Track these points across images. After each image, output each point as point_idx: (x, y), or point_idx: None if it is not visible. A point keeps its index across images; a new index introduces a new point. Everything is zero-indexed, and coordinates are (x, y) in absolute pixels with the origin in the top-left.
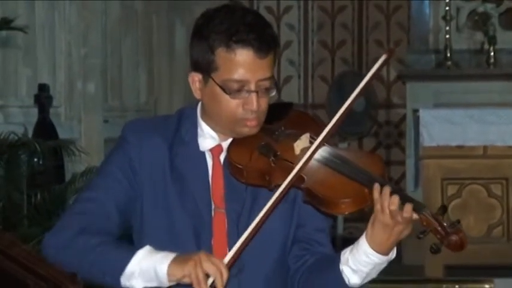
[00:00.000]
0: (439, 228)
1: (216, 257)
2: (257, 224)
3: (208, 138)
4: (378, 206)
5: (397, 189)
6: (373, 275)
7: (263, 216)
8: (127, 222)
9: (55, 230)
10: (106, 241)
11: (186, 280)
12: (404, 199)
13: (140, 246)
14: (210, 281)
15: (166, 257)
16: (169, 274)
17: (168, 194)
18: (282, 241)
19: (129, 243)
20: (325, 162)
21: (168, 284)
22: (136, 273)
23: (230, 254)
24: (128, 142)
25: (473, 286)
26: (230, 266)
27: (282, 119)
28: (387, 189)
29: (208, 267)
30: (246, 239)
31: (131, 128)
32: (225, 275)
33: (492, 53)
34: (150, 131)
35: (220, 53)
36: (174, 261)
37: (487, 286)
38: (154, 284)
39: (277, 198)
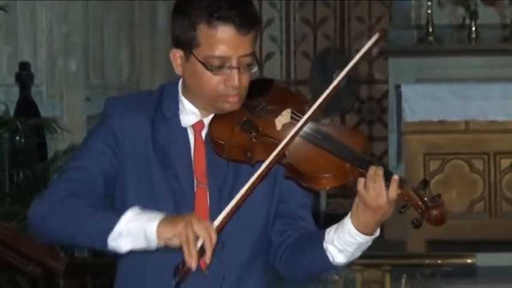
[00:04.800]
0: (420, 203)
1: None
2: (243, 194)
3: (189, 114)
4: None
5: (380, 165)
6: (358, 254)
7: (249, 187)
8: (111, 193)
9: (41, 197)
10: (94, 203)
11: (175, 241)
12: (387, 174)
13: None
14: (200, 243)
15: (156, 218)
16: (159, 234)
17: (151, 169)
18: (263, 217)
19: None
20: (307, 138)
21: (156, 245)
22: (125, 233)
23: (218, 220)
24: (110, 117)
25: (456, 261)
26: (218, 231)
27: (263, 95)
28: (372, 169)
29: (199, 229)
30: (231, 209)
31: (113, 104)
32: (214, 238)
33: (474, 28)
34: (131, 107)
35: (202, 30)
36: (164, 221)
37: (469, 261)
38: (143, 245)
39: (262, 171)
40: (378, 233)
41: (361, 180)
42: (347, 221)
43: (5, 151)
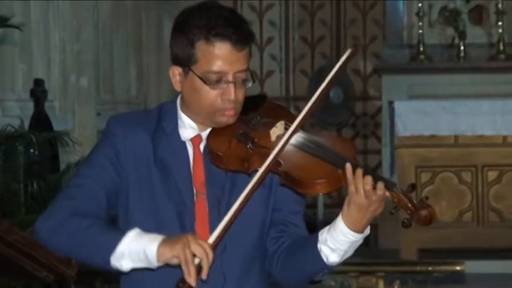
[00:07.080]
0: (409, 204)
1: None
2: (238, 207)
3: (188, 128)
4: (352, 188)
5: (369, 169)
6: (350, 253)
7: (243, 199)
8: (114, 209)
9: (46, 215)
10: (96, 223)
11: (175, 261)
12: (376, 178)
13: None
14: (197, 261)
15: (155, 239)
16: (158, 255)
17: (153, 182)
18: (260, 224)
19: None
20: (300, 147)
21: (156, 265)
22: (126, 254)
23: (214, 236)
24: (113, 134)
25: (445, 268)
26: (214, 247)
27: (257, 109)
28: (359, 171)
29: (196, 249)
30: (228, 221)
31: (115, 122)
32: (211, 256)
33: (462, 48)
34: (133, 125)
35: (200, 46)
36: (163, 243)
37: (458, 268)
38: (143, 265)
39: (256, 182)
40: (368, 231)
41: (350, 181)
42: (339, 221)
43: (20, 163)
